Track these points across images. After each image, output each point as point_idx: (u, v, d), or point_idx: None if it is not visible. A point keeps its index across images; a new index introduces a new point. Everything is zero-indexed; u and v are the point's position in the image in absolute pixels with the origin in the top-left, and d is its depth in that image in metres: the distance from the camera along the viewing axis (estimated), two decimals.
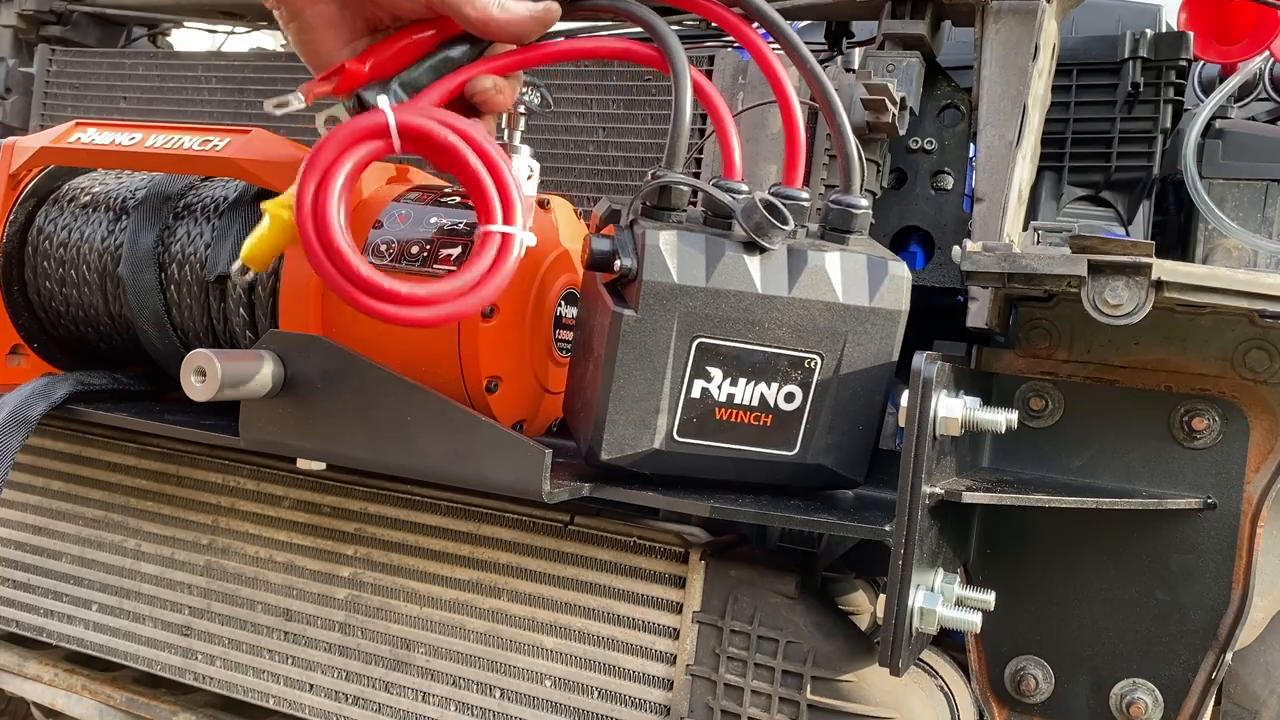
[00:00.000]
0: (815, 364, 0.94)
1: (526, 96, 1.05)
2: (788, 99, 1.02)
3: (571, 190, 1.40)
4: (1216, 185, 1.79)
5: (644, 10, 1.01)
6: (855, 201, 0.97)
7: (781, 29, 1.01)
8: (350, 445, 0.96)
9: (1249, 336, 1.07)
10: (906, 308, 0.95)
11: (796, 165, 1.03)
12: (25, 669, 1.37)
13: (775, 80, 1.02)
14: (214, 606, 1.27)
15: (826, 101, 1.00)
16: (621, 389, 0.92)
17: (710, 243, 0.91)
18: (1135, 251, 0.91)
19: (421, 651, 1.18)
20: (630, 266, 0.90)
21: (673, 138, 0.95)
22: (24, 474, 1.39)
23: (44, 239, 1.24)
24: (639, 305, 0.90)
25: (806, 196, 0.96)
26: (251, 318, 1.12)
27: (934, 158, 1.37)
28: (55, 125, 1.23)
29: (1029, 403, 1.12)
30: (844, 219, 0.97)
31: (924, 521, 0.88)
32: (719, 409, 0.94)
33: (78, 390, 1.17)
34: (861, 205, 0.97)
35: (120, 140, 1.16)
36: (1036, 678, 1.12)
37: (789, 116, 1.02)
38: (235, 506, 1.27)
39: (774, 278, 0.92)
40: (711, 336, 0.92)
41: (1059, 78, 1.57)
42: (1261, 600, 1.12)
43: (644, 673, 1.10)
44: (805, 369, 0.94)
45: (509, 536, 1.15)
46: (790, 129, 1.02)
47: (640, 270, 0.90)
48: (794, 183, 1.02)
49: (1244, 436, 1.06)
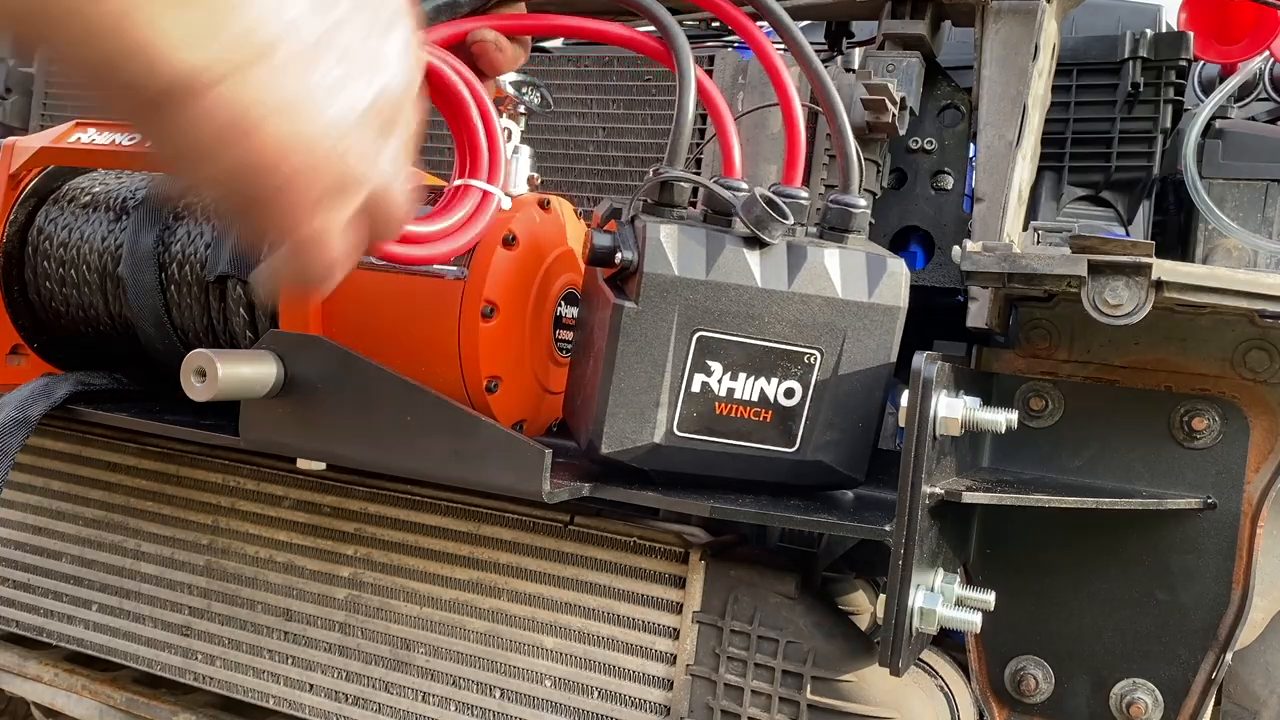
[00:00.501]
0: (815, 359, 0.94)
1: (526, 96, 1.05)
2: (789, 99, 1.02)
3: (571, 190, 1.40)
4: (1216, 185, 1.79)
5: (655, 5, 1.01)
6: (854, 201, 0.97)
7: (788, 28, 1.01)
8: (350, 445, 0.96)
9: (1249, 336, 1.07)
10: (905, 304, 0.95)
11: (796, 165, 1.03)
12: (25, 669, 1.37)
13: (778, 80, 1.03)
14: (214, 606, 1.27)
15: (828, 102, 1.00)
16: (622, 381, 0.92)
17: (711, 237, 0.92)
18: (1135, 251, 0.91)
19: (421, 651, 1.18)
20: (631, 259, 0.91)
21: (675, 136, 0.96)
22: (24, 474, 1.39)
23: (44, 239, 1.24)
24: (639, 297, 0.90)
25: (806, 195, 0.96)
26: (251, 318, 1.12)
27: (934, 158, 1.37)
28: (55, 125, 1.23)
29: (1029, 403, 1.12)
30: (843, 218, 0.97)
31: (924, 521, 0.88)
32: (719, 404, 0.94)
33: (78, 390, 1.17)
34: (860, 205, 0.97)
35: (120, 140, 1.16)
36: (1036, 678, 1.12)
37: (790, 117, 1.03)
38: (235, 506, 1.27)
39: (774, 272, 0.92)
40: (712, 330, 0.92)
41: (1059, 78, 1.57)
42: (1261, 600, 1.12)
43: (644, 673, 1.10)
44: (805, 364, 0.95)
45: (509, 536, 1.15)
46: (791, 129, 1.03)
47: (641, 262, 0.90)
48: (794, 182, 1.03)
49: (1244, 436, 1.06)
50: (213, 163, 0.46)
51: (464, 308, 0.99)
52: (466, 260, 1.00)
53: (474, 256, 1.00)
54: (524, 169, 1.15)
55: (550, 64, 1.46)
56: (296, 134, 0.46)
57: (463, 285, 0.99)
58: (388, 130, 0.52)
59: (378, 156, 0.52)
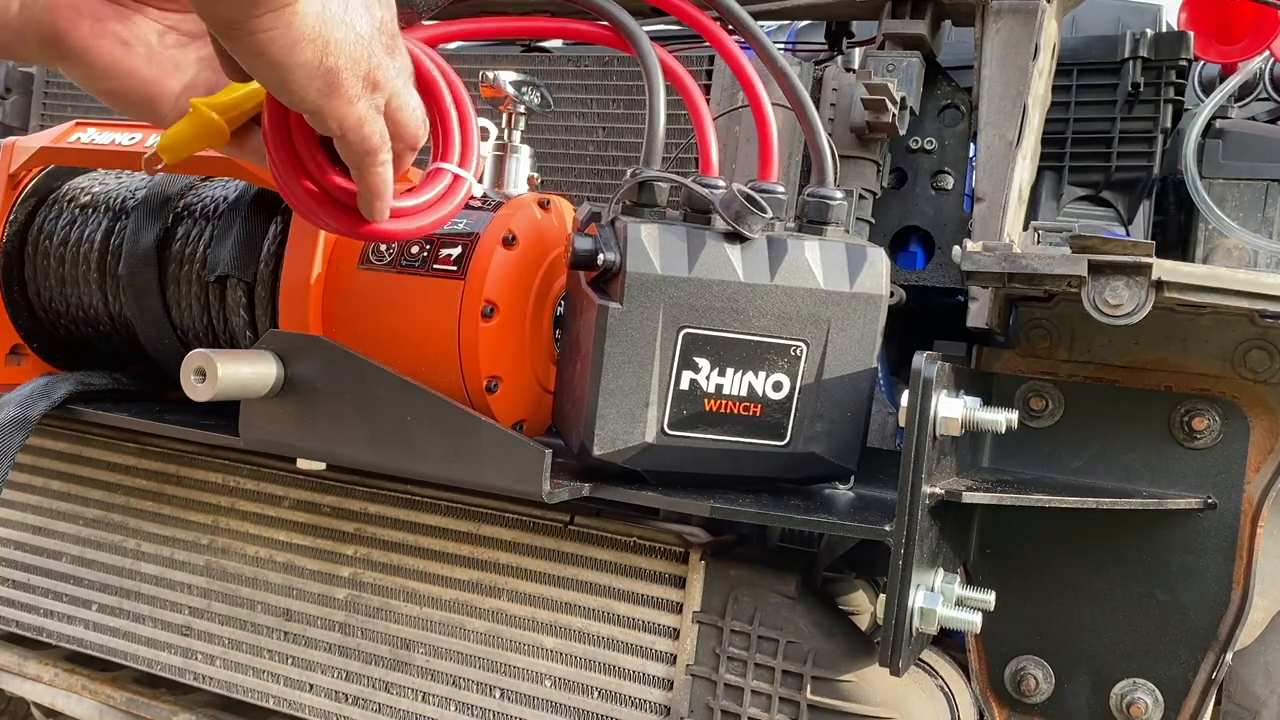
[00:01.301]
0: (801, 351, 0.95)
1: (526, 96, 1.06)
2: (758, 97, 1.03)
3: (571, 190, 1.40)
4: (1216, 185, 1.79)
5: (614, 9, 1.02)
6: (830, 194, 0.98)
7: (749, 27, 1.03)
8: (350, 445, 0.96)
9: (1249, 336, 1.07)
10: (887, 292, 0.96)
11: (770, 161, 1.04)
12: (25, 669, 1.37)
13: (744, 77, 1.04)
14: (214, 606, 1.27)
15: (796, 98, 1.02)
16: (611, 383, 0.93)
17: (692, 234, 0.93)
18: (1135, 251, 0.91)
19: (421, 651, 1.18)
20: (613, 260, 0.92)
21: (649, 137, 0.98)
22: (24, 474, 1.39)
23: (44, 239, 1.24)
24: (623, 297, 0.91)
25: (783, 190, 0.97)
26: (251, 318, 1.12)
27: (934, 158, 1.37)
28: (55, 125, 1.23)
29: (1029, 403, 1.12)
30: (820, 211, 0.98)
31: (924, 521, 0.88)
32: (708, 400, 0.95)
33: (78, 390, 1.17)
34: (836, 197, 0.98)
35: (120, 140, 1.16)
36: (1036, 678, 1.12)
37: (760, 114, 1.04)
38: (235, 506, 1.27)
39: (755, 266, 0.93)
40: (697, 326, 0.93)
41: (1059, 78, 1.57)
42: (1261, 600, 1.12)
43: (644, 673, 1.10)
44: (791, 356, 0.95)
45: (509, 536, 1.15)
46: (762, 126, 1.04)
47: (623, 263, 0.91)
48: (769, 177, 1.03)
49: (1244, 436, 1.06)
50: (293, 62, 0.65)
51: (464, 308, 0.99)
52: (466, 260, 1.00)
53: (474, 256, 1.00)
54: (524, 169, 1.15)
55: (550, 64, 1.46)
56: (340, 39, 0.67)
57: (462, 285, 0.99)
58: (392, 48, 0.72)
59: (390, 64, 0.72)
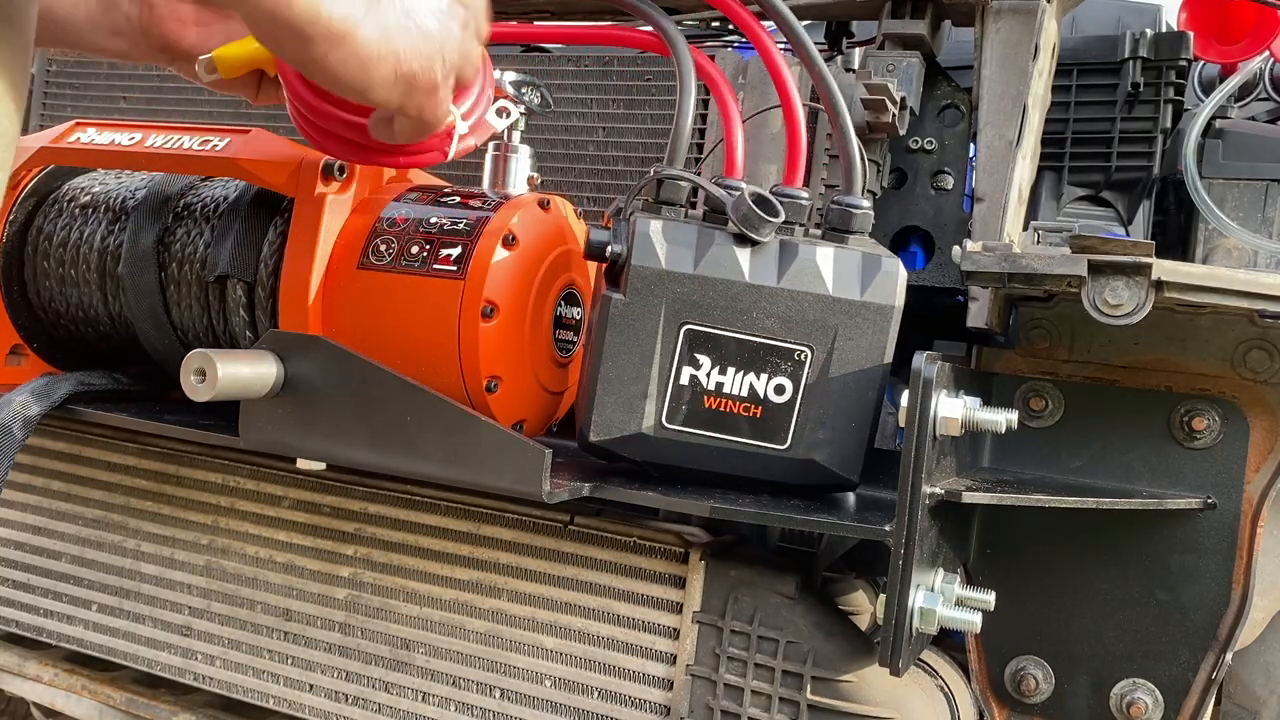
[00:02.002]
0: (805, 356, 0.95)
1: (526, 96, 1.06)
2: (791, 100, 1.03)
3: (571, 190, 1.40)
4: (1216, 185, 1.79)
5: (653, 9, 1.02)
6: (856, 202, 0.98)
7: (793, 28, 1.02)
8: (350, 445, 0.96)
9: (1249, 336, 1.07)
10: (900, 304, 0.95)
11: (797, 165, 1.04)
12: (25, 669, 1.37)
13: (780, 80, 1.03)
14: (214, 606, 1.27)
15: (831, 103, 1.01)
16: (609, 371, 0.93)
17: (701, 233, 0.93)
18: (1135, 251, 0.91)
19: (421, 652, 1.17)
20: (620, 252, 0.93)
21: (674, 136, 0.97)
22: (24, 474, 1.39)
23: (44, 239, 1.24)
24: (627, 289, 0.92)
25: (806, 196, 0.96)
26: (251, 318, 1.12)
27: (934, 158, 1.37)
28: (55, 125, 1.23)
29: (1029, 403, 1.12)
30: (844, 219, 0.98)
31: (924, 521, 0.88)
32: (708, 397, 0.95)
33: (78, 390, 1.17)
34: (862, 206, 0.98)
35: (120, 140, 1.16)
36: (1036, 678, 1.12)
37: (791, 117, 1.03)
38: (235, 506, 1.27)
39: (763, 268, 0.93)
40: (699, 323, 0.93)
41: (1059, 78, 1.57)
42: (1261, 600, 1.12)
43: (644, 673, 1.10)
44: (795, 361, 0.95)
45: (509, 536, 1.15)
46: (792, 130, 1.03)
47: (629, 255, 0.92)
48: (794, 182, 1.03)
49: (1244, 436, 1.06)
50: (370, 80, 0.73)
51: (464, 308, 0.99)
52: (466, 260, 1.00)
53: (474, 256, 1.00)
54: (524, 169, 1.15)
55: (550, 64, 1.46)
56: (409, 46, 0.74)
57: (462, 285, 0.99)
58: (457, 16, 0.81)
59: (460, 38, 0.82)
